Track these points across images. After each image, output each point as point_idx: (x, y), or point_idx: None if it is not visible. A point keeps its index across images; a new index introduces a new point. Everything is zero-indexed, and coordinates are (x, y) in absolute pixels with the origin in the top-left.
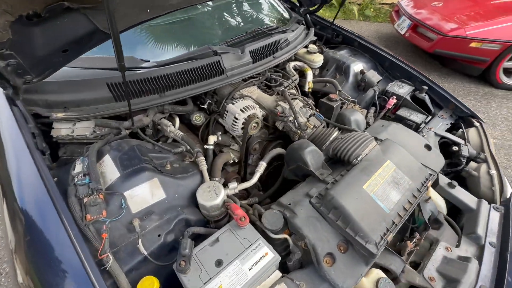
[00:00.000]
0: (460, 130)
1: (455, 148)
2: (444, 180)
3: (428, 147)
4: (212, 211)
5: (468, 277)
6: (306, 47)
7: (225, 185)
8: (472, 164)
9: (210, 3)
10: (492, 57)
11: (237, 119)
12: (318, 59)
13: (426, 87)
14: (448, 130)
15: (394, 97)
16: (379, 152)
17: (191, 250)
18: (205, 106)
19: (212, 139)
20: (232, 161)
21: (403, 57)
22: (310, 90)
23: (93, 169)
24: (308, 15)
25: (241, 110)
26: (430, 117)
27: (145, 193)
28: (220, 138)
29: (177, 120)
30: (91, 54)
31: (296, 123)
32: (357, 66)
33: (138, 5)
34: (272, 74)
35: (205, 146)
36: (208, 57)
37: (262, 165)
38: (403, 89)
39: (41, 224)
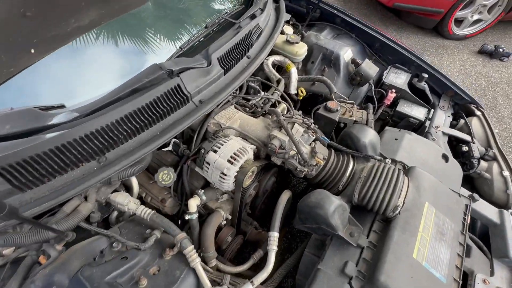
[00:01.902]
0: (462, 120)
1: (464, 148)
2: (464, 193)
3: (445, 158)
4: None
5: None
6: (282, 32)
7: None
8: (482, 163)
9: None
10: (447, 8)
11: (225, 175)
12: (302, 51)
13: (426, 75)
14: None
15: (393, 90)
16: (415, 193)
17: None
18: (170, 148)
19: (194, 204)
20: (225, 221)
21: (357, 12)
22: (301, 97)
23: None
24: None
25: (228, 161)
26: (431, 110)
27: None
28: (203, 197)
29: (135, 182)
30: None
31: (301, 158)
32: (347, 53)
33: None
34: (249, 82)
35: (187, 217)
36: (160, 82)
37: (274, 237)
38: (401, 79)
39: None
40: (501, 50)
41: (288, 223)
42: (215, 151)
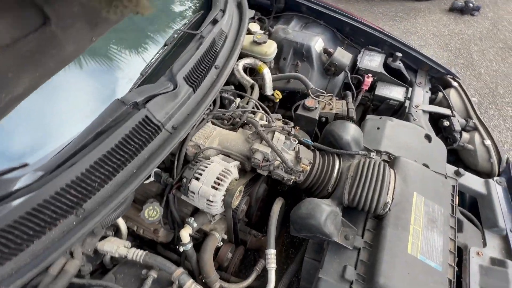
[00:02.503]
0: (440, 94)
1: (446, 123)
2: (450, 170)
3: (428, 138)
4: None
5: None
6: (249, 31)
7: None
8: (464, 135)
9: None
10: None
11: (212, 201)
12: (272, 50)
13: (400, 54)
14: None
15: (369, 74)
16: (402, 185)
17: None
18: (152, 179)
19: (186, 234)
20: (221, 242)
21: None
22: (278, 100)
23: None
24: None
25: (213, 187)
26: (409, 88)
27: None
28: (195, 225)
29: (122, 223)
30: None
31: (287, 167)
32: (317, 43)
33: None
34: (222, 93)
35: (181, 248)
36: (127, 117)
37: (271, 254)
38: (375, 61)
39: None
40: (471, 4)
41: (288, 221)
42: (197, 179)
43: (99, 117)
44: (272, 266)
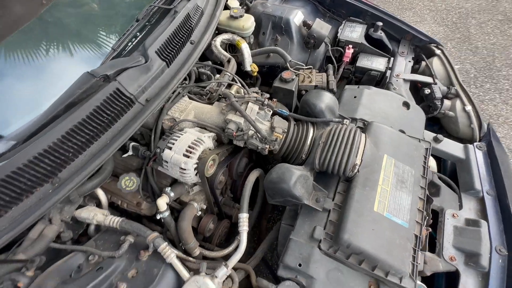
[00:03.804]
0: (424, 63)
1: (427, 91)
2: (429, 136)
3: (407, 105)
4: None
5: (485, 246)
6: (227, 7)
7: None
8: (446, 102)
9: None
10: None
11: (184, 169)
12: (249, 24)
13: (381, 23)
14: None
15: (350, 46)
16: (373, 149)
17: None
18: (130, 153)
19: (162, 202)
20: (200, 211)
21: None
22: (255, 74)
23: None
24: None
25: (185, 155)
26: (391, 58)
27: None
28: (172, 194)
29: (101, 194)
30: None
31: (261, 136)
32: (297, 17)
33: None
34: (200, 68)
35: (158, 216)
36: (97, 90)
37: (243, 218)
38: (356, 32)
39: None
40: None
41: None
42: (170, 148)
43: (69, 90)
44: (244, 228)
